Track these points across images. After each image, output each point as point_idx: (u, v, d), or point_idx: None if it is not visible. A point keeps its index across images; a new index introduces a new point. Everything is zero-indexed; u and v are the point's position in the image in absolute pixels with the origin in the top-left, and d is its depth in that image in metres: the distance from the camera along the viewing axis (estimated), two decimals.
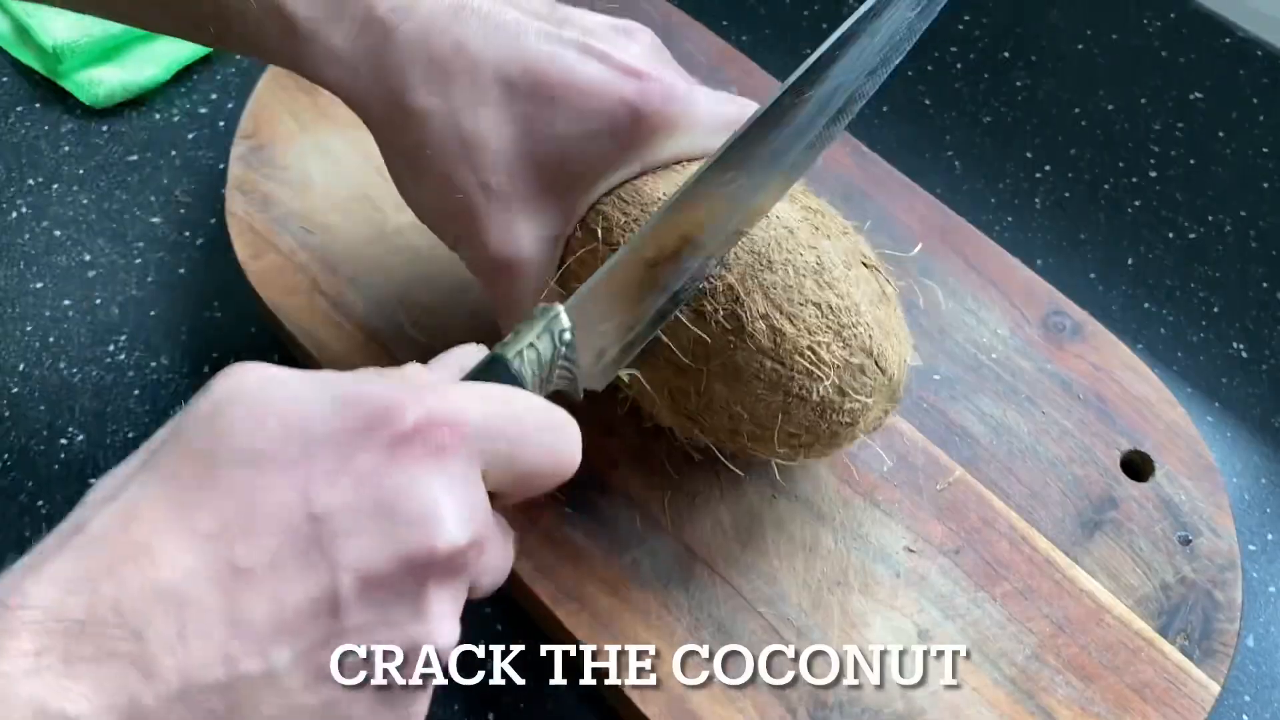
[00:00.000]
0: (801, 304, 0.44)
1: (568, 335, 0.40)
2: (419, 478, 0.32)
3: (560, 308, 0.40)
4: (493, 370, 0.38)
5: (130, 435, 0.58)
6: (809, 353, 0.44)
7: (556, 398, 0.40)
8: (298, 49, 0.45)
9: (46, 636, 0.29)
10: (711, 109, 0.47)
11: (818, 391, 0.44)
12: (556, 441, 0.37)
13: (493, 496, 0.36)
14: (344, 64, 0.45)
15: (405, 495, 0.32)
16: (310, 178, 0.61)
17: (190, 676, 0.30)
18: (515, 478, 0.36)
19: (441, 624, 0.33)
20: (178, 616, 0.30)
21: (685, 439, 0.49)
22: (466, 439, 0.34)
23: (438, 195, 0.47)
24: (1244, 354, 0.64)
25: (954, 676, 0.48)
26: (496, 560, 0.37)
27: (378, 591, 0.32)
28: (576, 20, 0.47)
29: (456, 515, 0.33)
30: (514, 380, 0.38)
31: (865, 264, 0.47)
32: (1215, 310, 0.66)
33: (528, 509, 0.51)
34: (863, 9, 0.42)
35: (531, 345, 0.39)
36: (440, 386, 0.35)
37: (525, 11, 0.46)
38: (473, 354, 0.39)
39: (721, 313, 0.44)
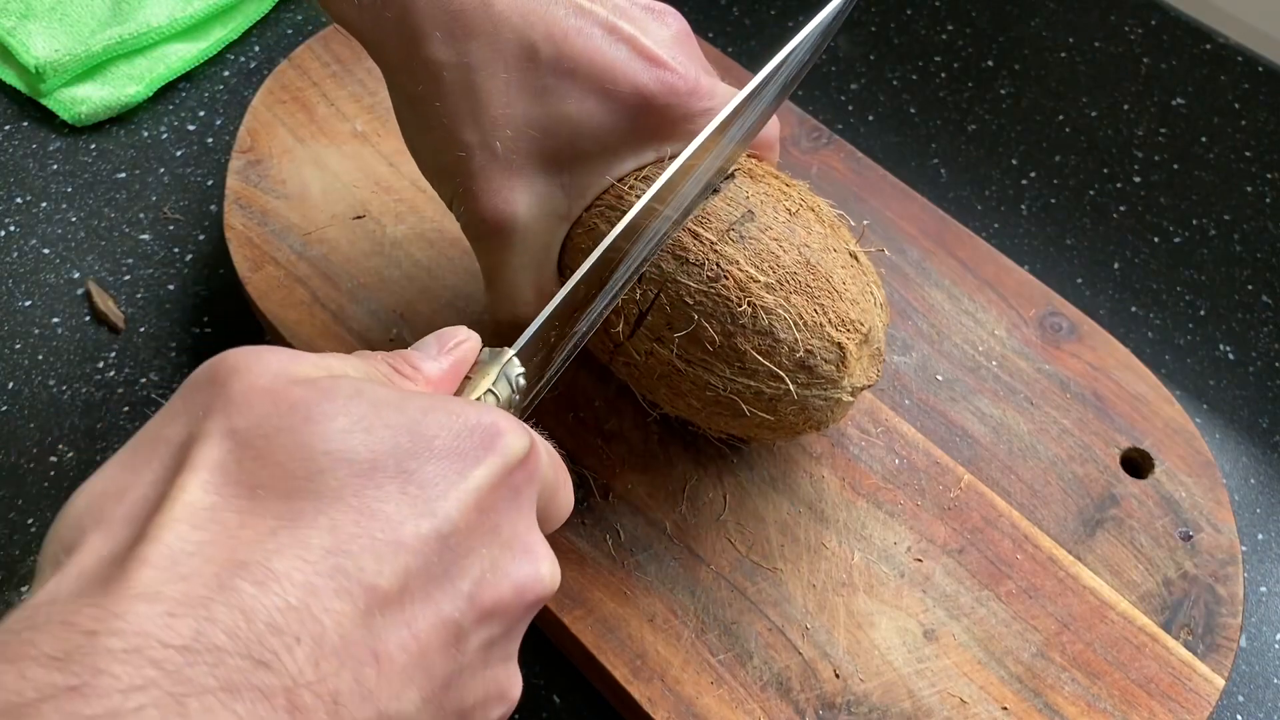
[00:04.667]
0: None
1: (521, 379, 0.38)
2: (524, 510, 0.32)
3: (511, 351, 0.38)
4: None
5: None
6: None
7: None
8: None
9: (150, 668, 0.24)
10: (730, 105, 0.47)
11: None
12: (568, 490, 0.37)
13: None
14: (366, 4, 0.44)
15: (515, 527, 0.32)
16: (308, 191, 0.61)
17: (337, 716, 0.26)
18: (543, 519, 0.35)
19: (516, 674, 0.33)
20: (311, 645, 0.26)
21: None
22: (541, 477, 0.34)
23: (441, 148, 0.46)
24: (1231, 356, 0.65)
25: (960, 675, 0.48)
26: None
27: (490, 624, 0.30)
28: None
29: (551, 557, 0.33)
30: None
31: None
32: (1201, 313, 0.66)
33: None
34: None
35: (490, 391, 0.37)
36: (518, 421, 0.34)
37: None
38: (459, 337, 0.38)
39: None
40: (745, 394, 0.46)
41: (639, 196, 0.45)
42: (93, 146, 0.69)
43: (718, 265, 0.44)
